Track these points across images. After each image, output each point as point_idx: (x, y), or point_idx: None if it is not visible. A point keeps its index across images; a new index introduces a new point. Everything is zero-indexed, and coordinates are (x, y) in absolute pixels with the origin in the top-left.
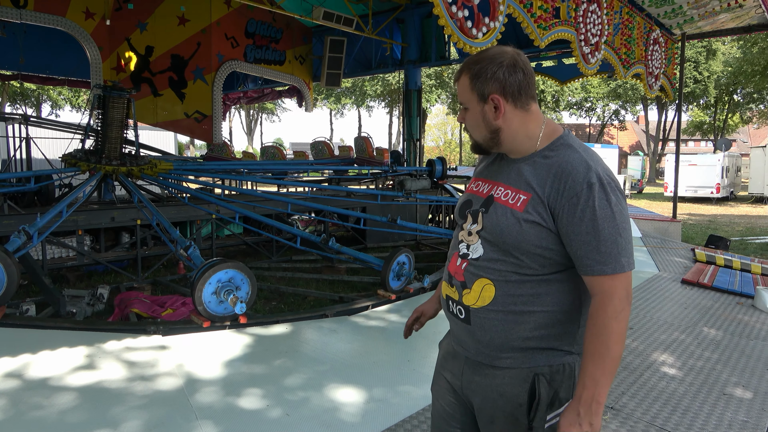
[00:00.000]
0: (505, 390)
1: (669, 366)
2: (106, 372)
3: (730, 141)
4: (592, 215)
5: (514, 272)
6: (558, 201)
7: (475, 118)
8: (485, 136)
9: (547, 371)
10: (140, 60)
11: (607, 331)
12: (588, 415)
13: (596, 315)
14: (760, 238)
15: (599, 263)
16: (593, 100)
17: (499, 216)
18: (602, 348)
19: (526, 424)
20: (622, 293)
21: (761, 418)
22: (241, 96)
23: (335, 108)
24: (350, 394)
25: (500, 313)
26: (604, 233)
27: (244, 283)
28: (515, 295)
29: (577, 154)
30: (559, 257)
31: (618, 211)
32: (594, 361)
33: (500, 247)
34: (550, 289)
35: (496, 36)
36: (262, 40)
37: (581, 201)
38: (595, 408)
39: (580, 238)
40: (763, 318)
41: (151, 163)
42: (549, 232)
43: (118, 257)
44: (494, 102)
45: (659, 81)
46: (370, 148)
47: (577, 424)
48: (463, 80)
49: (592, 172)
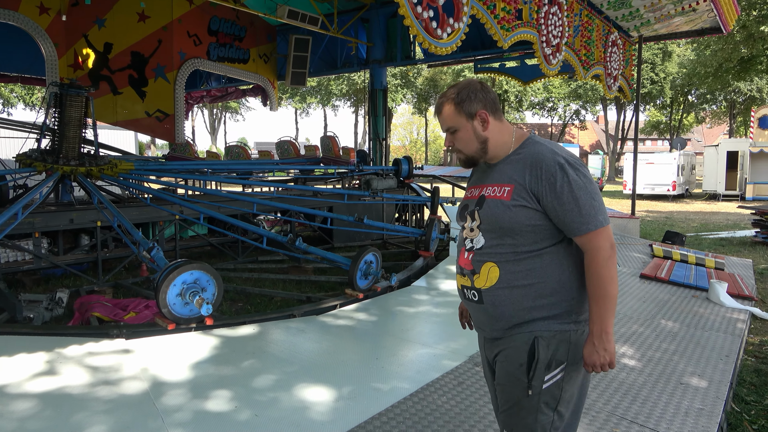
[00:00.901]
0: (509, 353)
1: (629, 358)
2: (67, 377)
3: (685, 140)
4: (569, 188)
5: (511, 252)
6: (538, 185)
7: (467, 135)
8: (477, 148)
9: (546, 335)
10: (98, 57)
11: (602, 276)
12: (601, 343)
13: (590, 266)
14: (714, 233)
15: (584, 224)
16: (555, 100)
17: (492, 208)
18: (601, 291)
19: (525, 383)
20: (605, 244)
21: (716, 405)
22: (204, 95)
23: (300, 107)
24: (319, 393)
25: (506, 289)
26: (582, 200)
27: (209, 284)
28: (515, 272)
29: (543, 146)
30: (546, 231)
31: (587, 182)
32: (597, 302)
33: (497, 233)
34: (543, 263)
35: (461, 36)
36: (225, 38)
37: (558, 179)
38: (605, 337)
39: (564, 208)
40: (716, 310)
41: (111, 163)
42: (534, 211)
43: (78, 260)
44: (481, 116)
45: (618, 82)
46: (336, 147)
47: (595, 352)
48: (447, 109)
49: (558, 156)
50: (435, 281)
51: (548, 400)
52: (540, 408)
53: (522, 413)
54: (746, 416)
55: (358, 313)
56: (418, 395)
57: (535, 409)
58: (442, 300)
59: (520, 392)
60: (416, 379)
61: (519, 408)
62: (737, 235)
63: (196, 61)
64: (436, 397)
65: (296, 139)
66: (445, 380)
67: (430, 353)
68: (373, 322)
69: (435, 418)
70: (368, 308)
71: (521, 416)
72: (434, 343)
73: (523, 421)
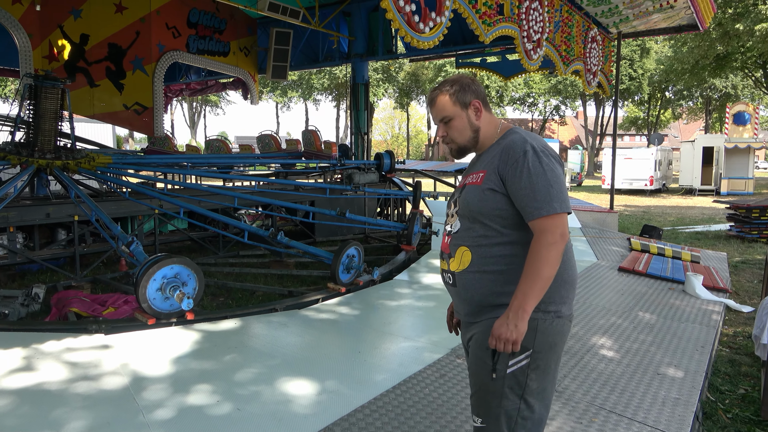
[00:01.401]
0: (478, 337)
1: (607, 349)
2: (45, 373)
3: (662, 136)
4: (527, 173)
5: (483, 237)
6: (504, 169)
7: (461, 123)
8: (470, 137)
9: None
10: (74, 49)
11: (540, 257)
12: (515, 319)
13: (533, 245)
14: (690, 227)
15: (536, 208)
16: (535, 95)
17: (468, 193)
18: (534, 269)
19: (491, 366)
20: (555, 230)
21: (692, 395)
22: (183, 88)
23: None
24: (302, 386)
25: (476, 273)
26: (538, 185)
27: (190, 278)
28: (486, 257)
29: (519, 135)
30: (514, 218)
31: (549, 169)
32: (526, 278)
33: (469, 217)
34: (514, 251)
35: (442, 31)
36: (205, 30)
37: (519, 164)
38: (521, 315)
39: (521, 192)
40: (692, 302)
41: (88, 156)
42: (502, 195)
43: (54, 255)
44: (475, 106)
45: (597, 78)
46: (318, 141)
47: (505, 325)
48: (442, 99)
49: (527, 144)
50: (417, 275)
51: (513, 386)
52: (504, 393)
53: (487, 397)
54: (721, 405)
55: (340, 307)
56: (400, 388)
57: (499, 393)
58: (424, 293)
59: (486, 376)
60: (398, 371)
61: (485, 392)
62: (712, 229)
63: (175, 54)
64: (418, 390)
65: (277, 134)
66: (426, 373)
67: (412, 346)
68: (355, 315)
69: (417, 410)
70: (350, 302)
71: (486, 400)
72: (416, 336)
73: (487, 405)
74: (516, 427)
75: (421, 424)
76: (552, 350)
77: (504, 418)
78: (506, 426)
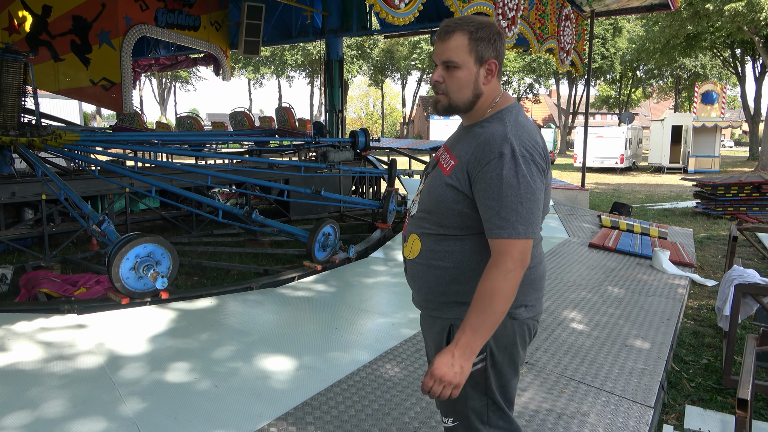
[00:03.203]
0: (435, 338)
1: (577, 322)
2: (18, 354)
3: (633, 114)
4: (498, 182)
5: (434, 229)
6: (475, 168)
7: (466, 78)
8: (467, 99)
9: (459, 324)
10: (36, 21)
11: (494, 288)
12: (461, 358)
13: (488, 272)
14: (658, 204)
15: (498, 227)
16: (509, 74)
17: (433, 178)
18: (487, 302)
19: None
20: (516, 256)
21: (657, 365)
22: (152, 63)
23: (254, 77)
24: (279, 362)
25: (424, 266)
26: (506, 200)
27: (164, 257)
28: (434, 250)
29: (504, 127)
30: (472, 219)
31: (524, 183)
32: (477, 312)
33: (426, 206)
34: (463, 248)
35: (418, 7)
36: (174, 3)
37: (491, 168)
38: (468, 354)
39: (486, 203)
40: (659, 276)
41: (54, 133)
42: (464, 196)
43: (21, 235)
44: (490, 66)
45: (570, 56)
46: (291, 119)
47: (449, 365)
48: (459, 38)
49: (507, 143)
50: (392, 252)
51: (474, 385)
52: (467, 393)
53: (452, 398)
54: (685, 375)
55: (316, 284)
56: (377, 362)
57: (463, 395)
58: (399, 270)
59: None
60: (375, 347)
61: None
62: (680, 206)
63: (143, 27)
64: (394, 364)
65: (250, 111)
66: (403, 348)
67: (388, 322)
68: (331, 293)
69: (394, 383)
70: (326, 280)
71: (452, 402)
72: (392, 312)
73: (454, 406)
74: (489, 420)
75: (397, 398)
76: (508, 350)
77: (474, 415)
78: (478, 421)
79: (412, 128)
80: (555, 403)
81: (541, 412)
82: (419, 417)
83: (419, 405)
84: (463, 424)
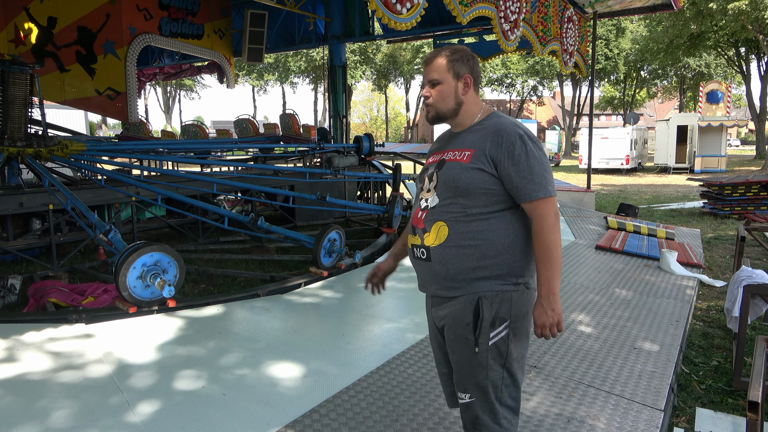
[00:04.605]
0: (457, 314)
1: (585, 325)
2: (27, 364)
3: (638, 115)
4: (526, 157)
5: (462, 213)
6: (498, 152)
7: (448, 90)
8: (451, 107)
9: (489, 295)
10: (42, 32)
11: (548, 242)
12: (549, 304)
13: (537, 232)
14: (665, 205)
15: (534, 191)
16: (513, 76)
17: (450, 170)
18: (547, 255)
19: (473, 341)
20: (551, 212)
21: (667, 367)
22: (157, 72)
23: (258, 84)
24: (287, 369)
25: (453, 248)
26: (535, 170)
27: (171, 265)
28: (464, 232)
29: (506, 119)
30: (498, 196)
31: (542, 155)
32: (544, 266)
33: (452, 193)
34: (491, 226)
35: (420, 12)
36: (177, 12)
37: (517, 148)
38: (552, 298)
39: (519, 174)
40: (667, 278)
41: (61, 143)
42: (490, 175)
43: (30, 245)
44: (466, 80)
45: (573, 58)
46: (296, 125)
47: (544, 313)
48: (439, 61)
49: (519, 128)
50: None
51: (495, 356)
52: (489, 365)
53: (473, 371)
54: (695, 377)
55: (323, 290)
56: (384, 368)
57: (484, 366)
58: (405, 275)
59: (469, 351)
60: (382, 353)
61: (470, 366)
62: (686, 206)
63: (148, 37)
64: (401, 370)
65: (254, 118)
66: (410, 353)
67: (394, 327)
68: (338, 299)
69: (401, 389)
70: (333, 285)
71: (473, 374)
72: (399, 317)
73: (474, 379)
74: (501, 396)
75: (405, 404)
76: (525, 318)
77: (491, 389)
78: (494, 395)
79: (417, 132)
80: (564, 407)
81: (550, 416)
82: (428, 423)
83: (428, 411)
84: (480, 400)
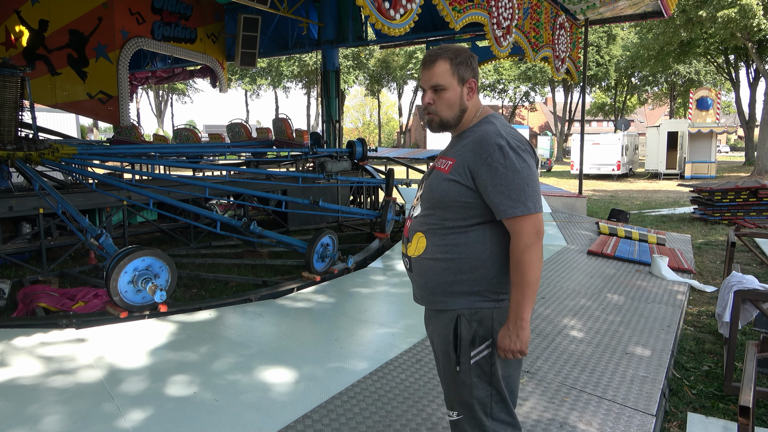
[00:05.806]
0: (441, 331)
1: (577, 330)
2: (17, 369)
3: (628, 121)
4: (503, 170)
5: (438, 225)
6: (476, 163)
7: (453, 97)
8: (455, 114)
9: (467, 313)
10: (33, 35)
11: (521, 264)
12: (515, 329)
13: (512, 251)
14: (656, 210)
15: (511, 207)
16: (505, 82)
17: (433, 179)
18: (520, 277)
19: (455, 359)
20: (530, 230)
21: (658, 372)
22: (149, 75)
23: (251, 89)
24: (279, 375)
25: (431, 261)
26: (514, 184)
27: (162, 270)
28: (440, 245)
29: (493, 126)
30: (476, 210)
31: (524, 167)
32: (516, 288)
33: (431, 204)
34: (468, 240)
35: (413, 18)
36: (170, 16)
37: (494, 160)
38: (520, 323)
39: (495, 189)
40: (658, 283)
41: (52, 147)
42: (466, 188)
43: (19, 249)
44: (470, 85)
45: (565, 64)
46: (289, 129)
47: (507, 337)
48: (442, 65)
49: (501, 138)
50: (391, 262)
51: (479, 374)
52: (473, 383)
53: (458, 389)
54: (686, 382)
55: (315, 295)
56: (377, 373)
57: (468, 384)
58: (398, 280)
59: (453, 369)
60: (375, 358)
61: (454, 384)
62: (677, 212)
63: (140, 41)
64: (394, 375)
65: (247, 122)
66: (403, 358)
67: (387, 332)
68: (330, 303)
69: (395, 395)
70: (326, 290)
71: (458, 392)
72: (392, 322)
73: (459, 397)
74: (492, 412)
75: (398, 409)
76: None
77: (478, 406)
78: (482, 413)
79: (409, 137)
80: (557, 412)
81: (543, 421)
82: (421, 428)
83: (420, 416)
84: (467, 417)
